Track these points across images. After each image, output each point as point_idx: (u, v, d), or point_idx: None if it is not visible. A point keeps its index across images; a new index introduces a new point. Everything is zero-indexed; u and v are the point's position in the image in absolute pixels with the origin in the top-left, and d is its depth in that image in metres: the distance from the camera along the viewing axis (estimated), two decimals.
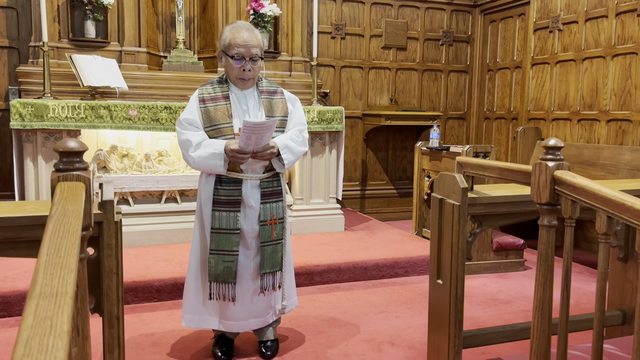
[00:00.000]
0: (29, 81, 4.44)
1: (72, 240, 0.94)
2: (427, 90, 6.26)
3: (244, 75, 2.49)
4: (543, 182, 1.70)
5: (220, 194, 2.50)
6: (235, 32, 2.48)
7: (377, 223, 5.27)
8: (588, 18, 4.86)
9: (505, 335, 2.25)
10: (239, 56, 2.46)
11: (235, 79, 2.52)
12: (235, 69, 2.48)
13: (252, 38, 2.47)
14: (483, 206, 2.10)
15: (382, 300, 3.54)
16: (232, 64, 2.48)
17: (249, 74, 2.49)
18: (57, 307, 0.74)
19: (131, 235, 4.14)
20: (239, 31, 2.48)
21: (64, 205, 1.08)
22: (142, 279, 3.44)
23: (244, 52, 2.46)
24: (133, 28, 4.72)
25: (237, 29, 2.50)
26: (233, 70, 2.49)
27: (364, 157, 6.07)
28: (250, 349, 2.79)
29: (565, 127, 5.12)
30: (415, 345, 2.86)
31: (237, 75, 2.50)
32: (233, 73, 2.50)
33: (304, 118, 2.69)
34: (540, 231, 1.74)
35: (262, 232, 2.54)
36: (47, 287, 0.79)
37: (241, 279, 2.55)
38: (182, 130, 2.49)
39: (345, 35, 5.86)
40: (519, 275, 4.13)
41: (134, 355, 2.70)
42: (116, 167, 4.20)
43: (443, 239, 2.12)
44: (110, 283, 1.64)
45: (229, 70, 2.52)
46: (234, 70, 2.49)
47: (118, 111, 4.01)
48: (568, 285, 1.66)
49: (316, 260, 3.89)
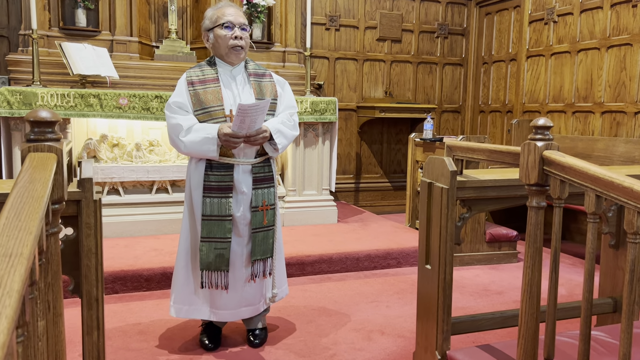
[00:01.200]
0: (18, 69, 4.39)
1: (36, 205, 0.90)
2: (422, 83, 6.22)
3: (235, 43, 2.46)
4: (532, 162, 1.67)
5: (211, 180, 2.45)
6: (221, 8, 2.51)
7: (371, 215, 5.24)
8: (583, 9, 4.83)
9: (494, 322, 2.22)
10: (228, 24, 2.46)
11: (227, 50, 2.47)
12: (226, 38, 2.46)
13: (238, 11, 2.52)
14: (472, 190, 2.07)
15: (373, 291, 3.51)
16: (223, 34, 2.46)
17: (240, 42, 2.47)
18: (10, 267, 0.70)
19: (121, 226, 4.10)
20: (224, 7, 2.51)
21: (31, 173, 1.04)
22: (131, 268, 3.40)
23: (233, 20, 2.46)
24: (125, 17, 4.67)
25: (223, 6, 2.53)
26: (224, 41, 2.46)
27: (358, 150, 6.04)
28: (238, 337, 2.75)
29: (559, 120, 5.10)
30: (405, 334, 2.84)
31: (228, 46, 2.46)
32: (224, 44, 2.47)
33: (294, 101, 2.66)
34: (529, 213, 1.71)
35: (253, 219, 2.51)
36: (2, 248, 0.75)
37: (233, 267, 2.51)
38: (171, 114, 2.44)
39: (339, 26, 5.82)
40: (512, 267, 4.11)
41: (120, 343, 2.66)
42: (106, 157, 4.16)
43: (432, 224, 2.09)
44: (89, 263, 1.60)
45: (219, 43, 2.48)
46: (225, 40, 2.46)
47: (108, 100, 3.96)
48: (557, 267, 1.63)
49: (308, 250, 3.86)
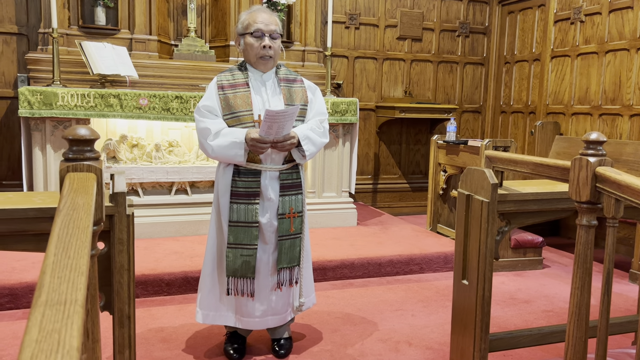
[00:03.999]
0: (38, 68, 4.35)
1: (83, 238, 0.84)
2: (442, 83, 6.12)
3: (264, 53, 2.41)
4: (583, 178, 1.59)
5: (239, 186, 2.41)
6: (254, 13, 2.46)
7: (390, 218, 5.17)
8: (612, 9, 4.70)
9: (532, 339, 2.14)
10: (258, 32, 2.40)
11: (255, 58, 2.43)
12: (255, 47, 2.41)
13: (271, 18, 2.46)
14: (513, 203, 1.99)
15: (397, 298, 3.44)
16: (252, 42, 2.41)
17: (269, 52, 2.42)
18: (65, 318, 0.64)
19: (141, 227, 4.06)
20: (257, 12, 2.46)
21: (73, 198, 0.98)
22: (152, 272, 3.35)
23: (263, 28, 2.40)
24: (144, 15, 4.61)
25: (255, 11, 2.48)
26: (253, 49, 2.42)
27: (376, 150, 5.96)
28: (263, 347, 2.70)
29: (585, 122, 4.98)
30: (434, 345, 2.76)
31: (257, 54, 2.42)
32: (253, 52, 2.42)
33: (324, 107, 2.59)
34: (579, 231, 1.63)
35: (280, 226, 2.45)
36: (54, 292, 0.69)
37: (259, 274, 2.46)
38: (200, 118, 2.40)
39: (359, 25, 5.73)
40: (537, 274, 4.02)
41: (143, 352, 2.62)
42: (126, 157, 4.12)
43: (470, 238, 2.01)
44: (122, 280, 1.55)
45: (248, 51, 2.44)
46: (254, 48, 2.41)
47: (128, 100, 3.92)
48: (609, 290, 1.55)
49: (329, 255, 3.80)
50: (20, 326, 2.86)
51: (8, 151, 4.71)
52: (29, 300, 3.11)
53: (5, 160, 4.72)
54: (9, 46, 4.63)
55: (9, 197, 1.57)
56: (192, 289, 3.34)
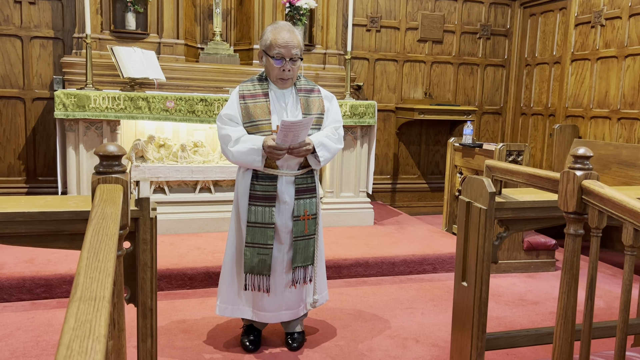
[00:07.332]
0: (72, 71, 4.60)
1: (110, 244, 1.01)
2: (462, 84, 6.19)
3: (283, 75, 2.56)
4: (570, 190, 1.70)
5: (257, 189, 2.58)
6: (276, 32, 2.54)
7: (407, 218, 5.28)
8: (632, 14, 4.71)
9: (529, 339, 2.26)
10: (279, 56, 2.53)
11: (275, 78, 2.59)
12: (275, 69, 2.56)
13: (292, 39, 2.54)
14: (510, 211, 2.10)
15: (408, 297, 3.57)
16: (273, 64, 2.55)
17: (288, 74, 2.56)
18: (95, 311, 0.81)
19: (166, 223, 4.27)
20: (280, 32, 2.54)
21: (103, 208, 1.16)
22: (176, 266, 3.56)
23: (284, 53, 2.52)
24: (172, 20, 4.82)
25: (279, 29, 2.56)
26: (273, 70, 2.57)
27: (395, 150, 6.07)
28: (277, 339, 2.87)
29: (604, 126, 5.00)
30: (440, 343, 2.89)
31: (277, 75, 2.57)
32: (273, 73, 2.58)
33: (339, 115, 2.75)
34: (566, 240, 1.75)
35: (295, 228, 2.62)
36: (86, 290, 0.86)
37: (274, 272, 2.64)
38: (222, 125, 2.58)
39: (380, 27, 5.84)
40: (549, 276, 4.09)
41: (166, 341, 2.82)
42: (153, 157, 4.33)
43: (469, 242, 2.14)
44: (145, 276, 1.73)
45: (269, 70, 2.60)
46: (274, 70, 2.56)
47: (156, 102, 4.12)
48: (592, 295, 1.66)
49: (344, 254, 3.94)
50: (54, 314, 3.10)
51: (44, 149, 4.99)
52: (63, 290, 3.34)
53: (41, 158, 5.00)
54: (46, 50, 4.90)
55: (47, 200, 1.76)
56: (213, 283, 3.53)
